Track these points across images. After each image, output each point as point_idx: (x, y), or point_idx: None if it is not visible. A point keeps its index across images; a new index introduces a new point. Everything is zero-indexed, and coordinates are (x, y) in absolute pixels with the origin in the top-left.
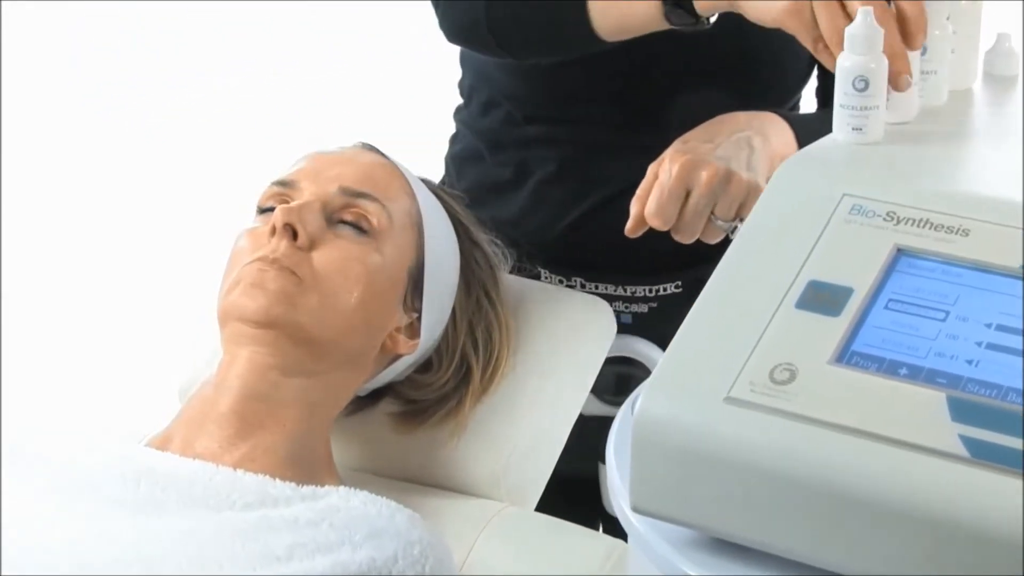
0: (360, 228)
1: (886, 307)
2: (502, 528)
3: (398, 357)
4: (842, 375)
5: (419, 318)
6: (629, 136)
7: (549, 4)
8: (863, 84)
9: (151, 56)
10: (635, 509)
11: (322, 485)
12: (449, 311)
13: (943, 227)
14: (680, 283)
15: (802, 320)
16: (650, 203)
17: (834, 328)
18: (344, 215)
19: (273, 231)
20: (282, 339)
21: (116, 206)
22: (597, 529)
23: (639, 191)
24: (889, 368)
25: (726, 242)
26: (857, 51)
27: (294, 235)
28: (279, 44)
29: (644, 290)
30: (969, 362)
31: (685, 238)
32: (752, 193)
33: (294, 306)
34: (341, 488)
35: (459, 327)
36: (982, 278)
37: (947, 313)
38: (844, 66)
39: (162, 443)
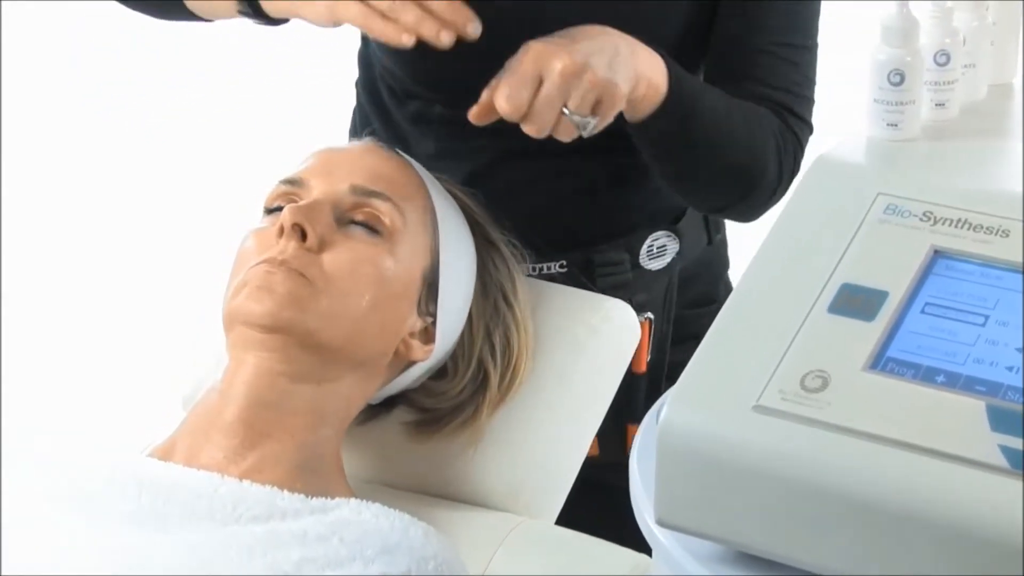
0: (372, 229)
1: (923, 311)
2: (521, 543)
3: (412, 363)
4: (877, 382)
5: (434, 322)
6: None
7: None
8: (899, 78)
9: (151, 56)
10: (660, 522)
11: (333, 497)
12: (465, 315)
13: (982, 227)
14: (565, 263)
15: (835, 325)
16: (500, 88)
17: (868, 333)
18: (355, 215)
19: (281, 232)
20: (290, 344)
21: (118, 207)
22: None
23: (492, 82)
24: (926, 375)
25: (619, 222)
26: (892, 44)
27: (303, 236)
28: (282, 42)
29: (528, 268)
30: (1009, 369)
31: (535, 130)
32: (608, 90)
33: (303, 310)
34: (352, 500)
35: (476, 332)
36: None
37: (986, 318)
38: (879, 59)
39: (165, 453)
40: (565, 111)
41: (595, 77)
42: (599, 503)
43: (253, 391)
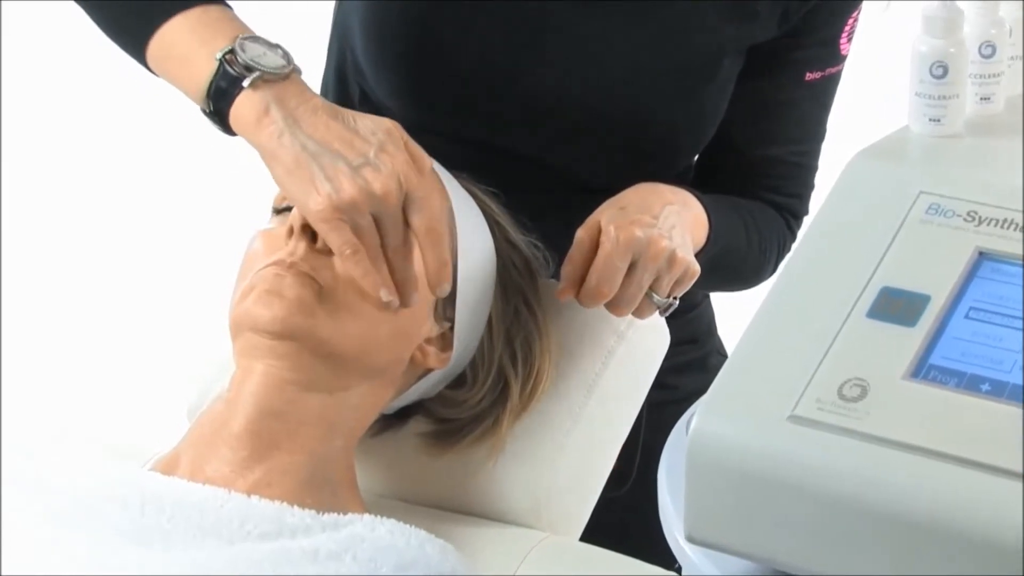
0: None
1: (967, 316)
2: (544, 560)
3: (429, 371)
4: (918, 391)
5: (452, 328)
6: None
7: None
8: (941, 71)
9: None
10: (690, 539)
11: (345, 512)
12: (485, 320)
13: None
14: None
15: (874, 331)
16: (593, 274)
17: (909, 339)
18: None
19: (290, 232)
20: (300, 351)
21: (120, 207)
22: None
23: (574, 256)
24: (970, 383)
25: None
26: (935, 35)
27: (313, 237)
28: (283, 40)
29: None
30: None
31: (621, 312)
32: (689, 272)
33: (313, 315)
34: (366, 516)
35: (496, 338)
36: None
37: None
38: (921, 51)
39: (168, 466)
40: (653, 296)
41: (682, 262)
42: (625, 518)
43: (261, 400)
